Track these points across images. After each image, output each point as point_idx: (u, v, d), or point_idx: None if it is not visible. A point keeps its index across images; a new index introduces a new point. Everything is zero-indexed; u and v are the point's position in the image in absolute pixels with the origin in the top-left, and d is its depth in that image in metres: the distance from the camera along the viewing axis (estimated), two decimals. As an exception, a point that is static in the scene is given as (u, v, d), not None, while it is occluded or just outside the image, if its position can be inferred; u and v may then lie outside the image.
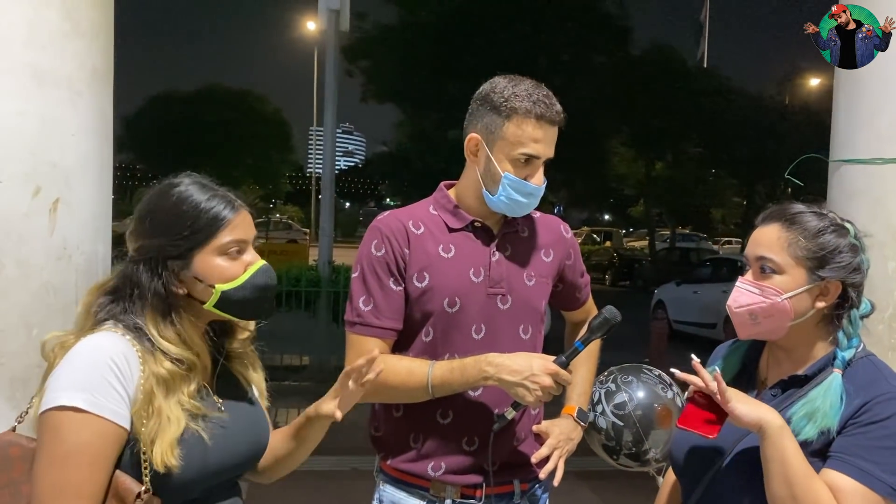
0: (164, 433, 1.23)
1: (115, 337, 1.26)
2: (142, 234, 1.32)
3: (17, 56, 1.70)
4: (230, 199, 1.36)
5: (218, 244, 1.32)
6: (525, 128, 1.68)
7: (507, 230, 1.83)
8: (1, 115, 1.68)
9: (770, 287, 1.44)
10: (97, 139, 1.90)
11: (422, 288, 1.73)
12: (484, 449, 1.75)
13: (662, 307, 13.04)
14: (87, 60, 1.84)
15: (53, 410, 1.18)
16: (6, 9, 1.68)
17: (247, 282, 1.34)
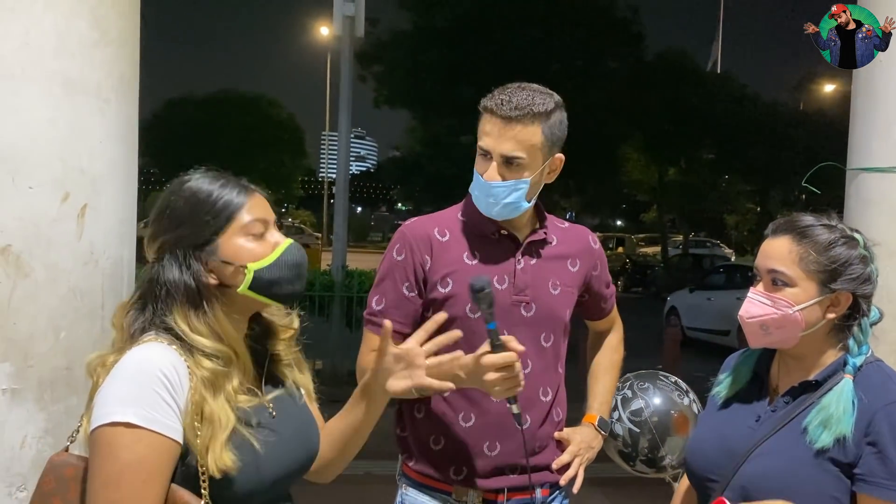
0: (215, 437, 1.20)
1: (162, 347, 1.22)
2: (161, 230, 1.30)
3: (47, 65, 1.73)
4: (243, 183, 1.35)
5: (240, 225, 1.30)
6: (482, 122, 1.74)
7: (534, 238, 1.84)
8: (32, 123, 1.72)
9: (782, 299, 1.46)
10: (124, 146, 1.94)
11: (445, 293, 1.75)
12: (506, 454, 1.76)
13: (675, 314, 12.99)
14: (114, 68, 1.88)
15: (105, 427, 1.14)
16: (38, 19, 1.72)
17: (278, 259, 1.31)
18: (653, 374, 2.42)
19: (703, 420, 1.71)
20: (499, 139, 1.69)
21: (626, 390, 2.38)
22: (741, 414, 1.58)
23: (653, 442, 2.31)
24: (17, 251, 1.71)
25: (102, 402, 1.16)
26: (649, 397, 2.34)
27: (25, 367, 1.72)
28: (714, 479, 1.54)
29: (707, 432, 1.63)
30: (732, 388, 1.63)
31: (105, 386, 1.18)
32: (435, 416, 1.79)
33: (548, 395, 1.86)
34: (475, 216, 1.82)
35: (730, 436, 1.55)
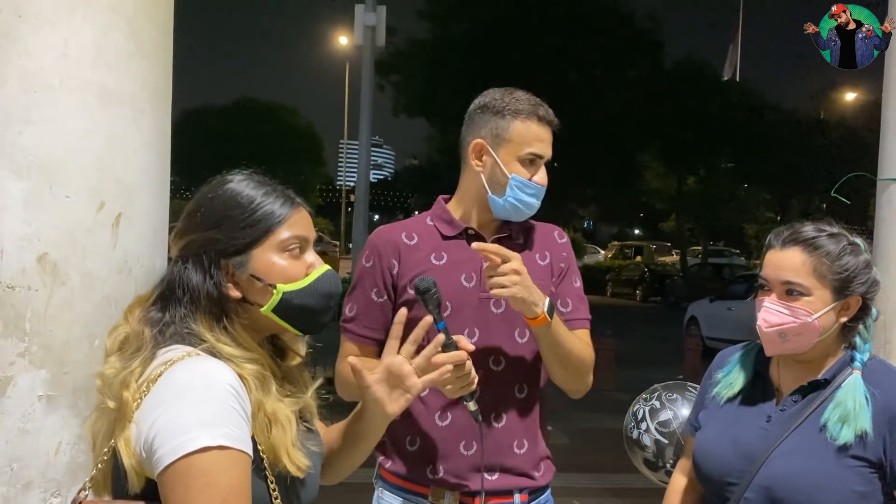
0: (286, 436, 1.14)
1: (213, 360, 1.13)
2: (191, 228, 1.20)
3: (85, 76, 1.76)
4: (288, 194, 1.25)
5: (278, 240, 1.20)
6: (530, 127, 1.78)
7: (500, 235, 1.87)
8: (69, 133, 1.74)
9: (800, 308, 1.51)
10: (157, 156, 1.96)
11: (413, 295, 1.74)
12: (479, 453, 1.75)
13: (696, 324, 12.91)
14: (149, 79, 1.90)
15: (195, 455, 1.03)
16: (78, 31, 1.75)
17: (311, 286, 1.21)
18: (681, 385, 2.41)
19: (708, 422, 1.71)
20: (550, 146, 1.81)
21: (654, 401, 2.37)
22: (749, 414, 1.61)
23: (679, 453, 2.29)
24: (53, 259, 1.73)
25: (179, 429, 1.04)
26: (677, 408, 2.33)
27: (61, 374, 1.74)
28: (732, 482, 1.55)
29: (717, 433, 1.64)
30: (734, 387, 1.66)
31: (169, 411, 1.06)
32: (410, 417, 1.79)
33: (523, 392, 1.83)
34: (445, 218, 1.86)
35: (741, 437, 1.57)
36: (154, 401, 1.08)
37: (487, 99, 1.85)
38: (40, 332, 1.72)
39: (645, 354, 11.62)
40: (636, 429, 2.35)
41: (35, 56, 1.70)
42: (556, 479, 6.27)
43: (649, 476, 2.38)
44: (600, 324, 11.46)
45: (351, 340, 1.84)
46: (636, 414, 2.39)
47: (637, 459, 2.39)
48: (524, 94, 1.82)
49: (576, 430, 7.18)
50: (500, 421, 1.79)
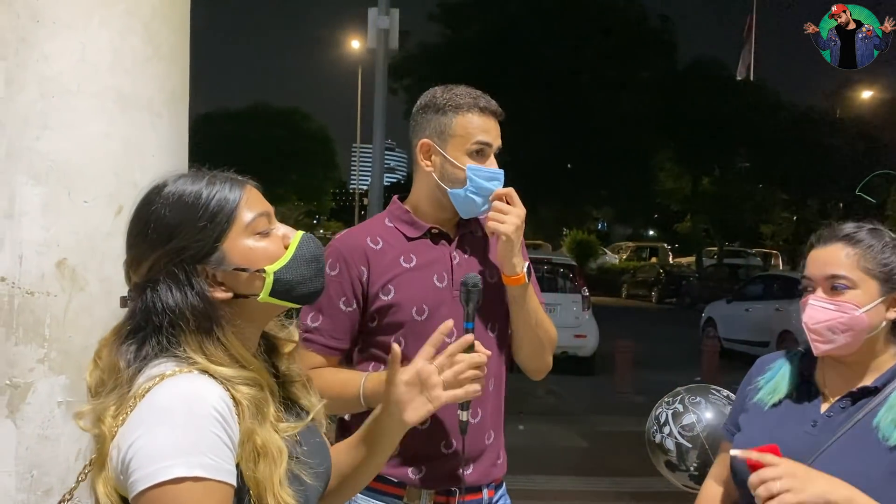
0: (274, 472, 1.06)
1: (201, 378, 1.05)
2: (148, 249, 1.10)
3: (102, 80, 1.75)
4: (231, 176, 1.17)
5: (243, 224, 1.12)
6: (472, 119, 1.79)
7: (463, 231, 1.87)
8: (87, 138, 1.74)
9: (846, 302, 1.48)
10: (174, 160, 1.95)
11: (389, 301, 1.76)
12: (458, 449, 1.75)
13: (712, 325, 12.82)
14: (166, 83, 1.89)
15: (168, 486, 0.96)
16: (94, 35, 1.74)
17: (296, 255, 1.15)
18: (704, 388, 2.37)
19: (749, 424, 1.67)
20: (497, 135, 1.82)
21: (676, 404, 2.33)
22: (794, 419, 1.57)
23: (704, 457, 2.26)
24: (72, 265, 1.72)
25: (155, 455, 0.97)
26: (701, 412, 2.29)
27: (80, 380, 1.72)
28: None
29: (758, 435, 1.59)
30: (779, 392, 1.62)
31: (148, 434, 0.98)
32: None
33: (493, 386, 1.85)
34: (405, 219, 1.85)
35: (787, 441, 1.52)
36: (136, 420, 1.01)
37: (428, 98, 1.85)
38: (59, 338, 1.72)
39: (662, 357, 11.54)
40: (659, 433, 2.31)
41: (53, 61, 1.70)
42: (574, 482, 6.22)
43: (671, 479, 2.34)
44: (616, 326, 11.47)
45: (315, 351, 1.78)
46: (658, 417, 2.35)
47: (659, 463, 2.35)
48: (464, 89, 1.83)
49: (593, 434, 7.14)
50: (476, 417, 1.79)
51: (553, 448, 6.74)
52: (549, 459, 6.30)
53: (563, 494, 5.48)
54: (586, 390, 9.13)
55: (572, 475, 5.88)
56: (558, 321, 9.77)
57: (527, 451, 6.39)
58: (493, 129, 1.81)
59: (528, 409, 7.83)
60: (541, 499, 5.32)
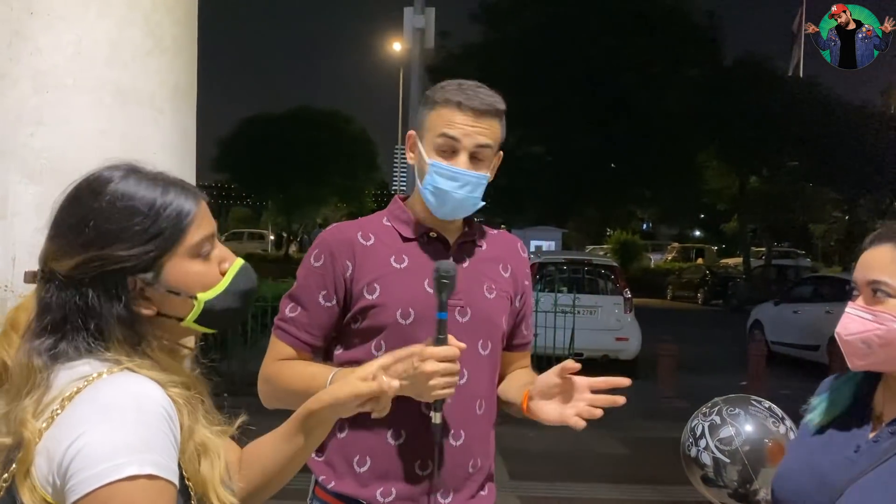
0: (214, 470, 1.03)
1: (142, 378, 1.00)
2: (79, 245, 1.01)
3: (99, 74, 1.69)
4: (187, 186, 1.09)
5: (189, 244, 1.05)
6: (444, 114, 1.65)
7: (464, 240, 1.75)
8: (83, 134, 1.68)
9: (885, 312, 1.32)
10: (179, 156, 1.88)
11: (373, 300, 1.64)
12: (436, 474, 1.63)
13: (760, 328, 12.46)
14: (169, 77, 1.82)
15: (121, 483, 0.91)
16: (91, 27, 1.68)
17: (230, 287, 1.09)
18: (744, 399, 2.21)
19: (793, 447, 1.57)
20: (471, 130, 1.63)
21: (714, 416, 2.17)
22: (838, 443, 1.43)
23: (744, 474, 2.10)
24: (68, 267, 1.66)
25: (103, 454, 0.92)
26: (740, 424, 2.13)
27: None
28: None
29: (797, 461, 1.49)
30: (828, 413, 1.48)
31: (92, 433, 0.93)
32: (361, 436, 1.65)
33: (482, 409, 1.71)
34: (402, 220, 1.73)
35: (824, 466, 1.41)
36: (73, 420, 0.95)
37: (427, 91, 1.75)
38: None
39: (706, 360, 11.25)
40: (694, 446, 2.16)
41: (47, 54, 1.64)
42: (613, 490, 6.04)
43: (708, 496, 2.19)
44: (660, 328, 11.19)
45: (286, 342, 1.68)
46: (694, 430, 2.20)
47: (695, 478, 2.20)
48: (458, 83, 1.68)
49: (633, 440, 6.94)
50: (458, 439, 1.67)
51: (591, 455, 6.56)
52: (586, 467, 6.14)
53: (603, 503, 5.32)
54: (628, 395, 8.89)
55: (610, 483, 5.71)
56: (599, 324, 9.71)
57: (564, 458, 6.24)
58: (469, 126, 1.64)
59: (567, 414, 7.67)
60: (577, 507, 5.18)
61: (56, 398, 0.97)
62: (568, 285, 10.16)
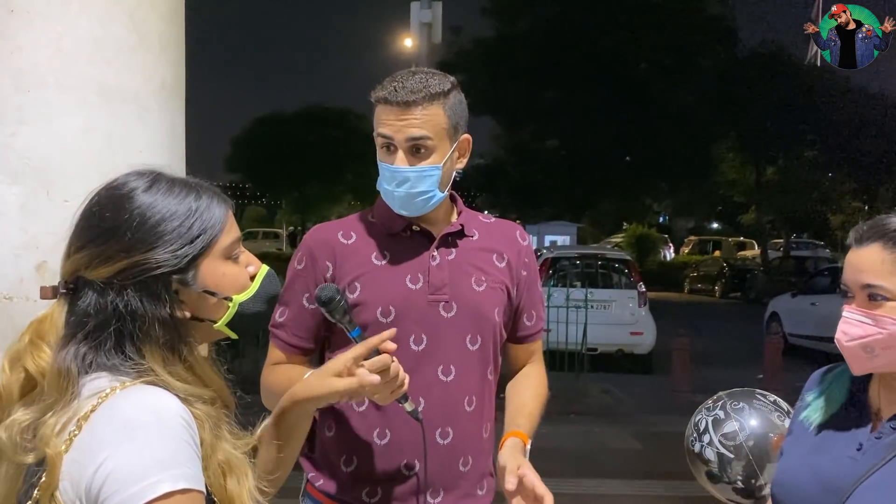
0: (242, 487, 1.03)
1: (156, 389, 1.00)
2: (122, 250, 1.02)
3: (82, 72, 1.67)
4: (217, 192, 1.11)
5: (222, 247, 1.08)
6: (378, 112, 1.63)
7: (451, 232, 1.70)
8: (66, 133, 1.66)
9: (885, 316, 1.29)
10: (167, 155, 1.86)
11: (354, 298, 1.62)
12: (427, 474, 1.59)
13: (777, 320, 12.32)
14: (154, 74, 1.80)
15: (156, 502, 0.91)
16: (72, 24, 1.66)
17: (259, 291, 1.12)
18: (748, 393, 2.16)
19: (791, 448, 1.51)
20: (400, 125, 1.58)
21: (717, 410, 2.13)
22: (838, 442, 1.40)
23: (749, 469, 2.06)
24: (53, 268, 1.63)
25: (135, 474, 0.91)
26: (744, 419, 2.09)
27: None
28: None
29: (797, 463, 1.45)
30: (825, 411, 1.45)
31: (119, 453, 0.92)
32: (347, 435, 1.63)
33: (472, 405, 1.67)
34: (385, 215, 1.69)
35: (826, 467, 1.37)
36: (94, 442, 0.94)
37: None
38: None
39: (723, 353, 11.14)
40: (698, 441, 2.13)
41: (27, 52, 1.62)
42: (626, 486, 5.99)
43: (713, 491, 2.15)
44: (675, 322, 11.08)
45: (277, 346, 1.70)
46: (698, 425, 2.16)
47: (700, 474, 2.16)
48: (394, 75, 1.64)
49: (648, 435, 6.89)
50: (446, 438, 1.63)
51: (605, 450, 6.52)
52: (600, 462, 6.10)
53: (615, 499, 5.28)
54: (642, 389, 8.85)
55: (624, 478, 5.67)
56: (613, 318, 9.63)
57: (577, 453, 6.20)
58: (395, 121, 1.59)
59: (580, 410, 7.62)
60: (588, 503, 5.13)
61: (72, 418, 0.96)
62: (581, 280, 10.11)
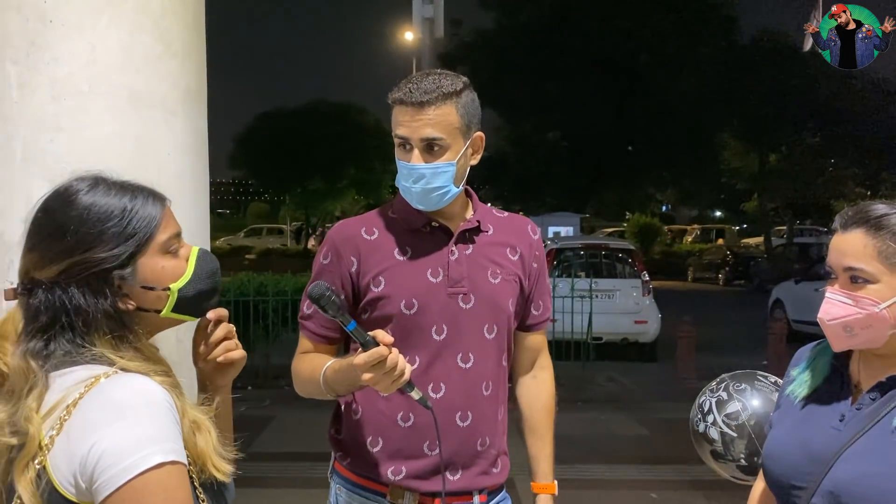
0: (208, 443, 1.13)
1: (138, 375, 1.09)
2: (63, 252, 1.11)
3: (113, 79, 1.75)
4: (153, 192, 1.20)
5: (159, 242, 1.16)
6: (395, 113, 1.71)
7: (467, 227, 1.79)
8: (100, 138, 1.74)
9: (865, 297, 1.36)
10: (192, 158, 1.95)
11: (379, 292, 1.72)
12: (446, 454, 1.70)
13: (781, 306, 12.38)
14: (180, 81, 1.89)
15: (151, 472, 1.00)
16: (103, 35, 1.74)
17: (195, 272, 1.20)
18: (750, 375, 2.25)
19: (779, 421, 1.59)
20: (415, 125, 1.67)
21: (721, 392, 2.22)
22: (822, 413, 1.48)
23: (751, 447, 2.15)
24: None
25: (128, 448, 1.00)
26: (747, 399, 2.18)
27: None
28: (799, 486, 1.43)
29: (785, 435, 1.52)
30: (809, 385, 1.53)
31: (112, 432, 1.01)
32: (373, 417, 1.75)
33: (489, 390, 1.78)
34: (406, 211, 1.79)
35: (812, 438, 1.45)
36: (86, 423, 1.03)
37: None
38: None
39: (728, 340, 11.22)
40: (702, 422, 2.21)
41: (63, 63, 1.71)
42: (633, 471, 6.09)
43: (717, 470, 2.23)
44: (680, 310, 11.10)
45: (305, 337, 1.81)
46: (702, 406, 2.24)
47: (704, 453, 2.25)
48: (409, 77, 1.73)
49: (654, 421, 6.98)
50: (465, 420, 1.74)
51: (612, 436, 6.61)
52: (607, 448, 6.19)
53: (622, 483, 5.37)
54: (648, 377, 8.94)
55: (631, 464, 5.76)
56: (617, 307, 9.71)
57: (585, 439, 6.29)
58: (410, 122, 1.67)
59: (587, 398, 7.71)
60: (600, 488, 5.23)
61: (59, 404, 1.05)
62: (585, 270, 10.18)
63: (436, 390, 1.72)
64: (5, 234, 1.72)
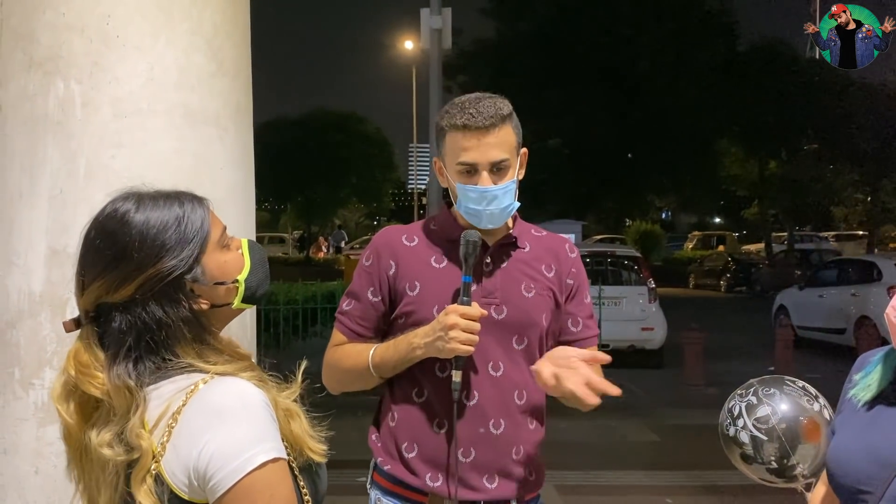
0: (303, 426, 1.19)
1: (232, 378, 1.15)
2: (135, 269, 1.14)
3: (170, 98, 1.82)
4: (192, 193, 1.25)
5: (215, 239, 1.22)
6: (455, 140, 1.74)
7: (505, 242, 1.85)
8: (161, 153, 1.81)
9: None
10: (242, 171, 2.01)
11: (413, 297, 1.79)
12: (482, 461, 1.75)
13: (785, 313, 12.44)
14: (231, 98, 1.95)
15: (256, 472, 1.07)
16: (160, 55, 1.81)
17: (253, 261, 1.26)
18: (779, 380, 2.30)
19: (844, 425, 1.59)
20: (486, 150, 1.72)
21: (750, 396, 2.27)
22: (888, 418, 1.46)
23: (782, 450, 2.19)
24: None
25: (235, 451, 1.07)
26: (776, 403, 2.22)
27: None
28: (867, 491, 1.43)
29: (851, 439, 1.51)
30: (874, 388, 1.51)
31: (219, 436, 1.08)
32: (408, 424, 1.80)
33: (522, 399, 1.82)
34: (447, 223, 1.86)
35: (879, 443, 1.44)
36: (192, 429, 1.09)
37: (438, 116, 1.83)
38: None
39: (732, 347, 11.26)
40: (732, 426, 2.25)
41: (123, 82, 1.78)
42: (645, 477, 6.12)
43: (747, 472, 2.28)
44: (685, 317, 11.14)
45: (340, 331, 1.88)
46: (732, 410, 2.29)
47: (734, 456, 2.30)
48: (460, 101, 1.76)
49: (665, 427, 7.03)
50: (499, 428, 1.77)
51: (623, 443, 6.66)
52: (619, 454, 6.24)
53: (634, 489, 5.41)
54: (656, 384, 8.97)
55: (643, 469, 5.80)
56: (624, 314, 9.74)
57: (596, 446, 6.33)
58: (477, 146, 1.72)
59: (597, 405, 7.72)
60: (612, 494, 5.28)
61: (164, 414, 1.11)
62: (592, 277, 10.22)
63: (469, 397, 1.76)
64: (69, 248, 1.78)
